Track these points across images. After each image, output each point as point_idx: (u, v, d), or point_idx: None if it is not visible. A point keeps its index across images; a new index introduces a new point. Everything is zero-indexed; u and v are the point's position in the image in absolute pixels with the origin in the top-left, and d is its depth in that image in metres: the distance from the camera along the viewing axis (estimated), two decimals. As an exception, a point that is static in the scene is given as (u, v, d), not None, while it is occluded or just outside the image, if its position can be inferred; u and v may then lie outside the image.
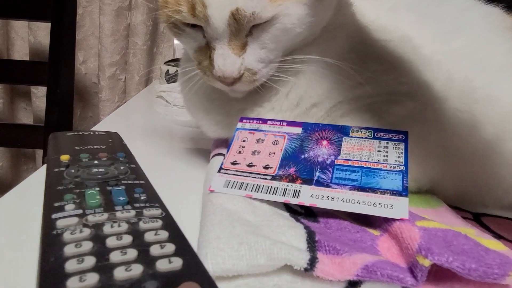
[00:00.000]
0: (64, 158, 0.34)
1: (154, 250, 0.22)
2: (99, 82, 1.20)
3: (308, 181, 0.32)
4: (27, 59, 1.19)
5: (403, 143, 0.34)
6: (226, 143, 0.42)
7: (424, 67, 0.41)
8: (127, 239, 0.23)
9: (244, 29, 0.34)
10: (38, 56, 1.16)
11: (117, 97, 1.23)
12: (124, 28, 1.17)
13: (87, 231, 0.24)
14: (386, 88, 0.39)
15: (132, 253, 0.22)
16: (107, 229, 0.24)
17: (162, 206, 0.28)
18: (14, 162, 1.28)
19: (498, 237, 0.34)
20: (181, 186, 0.42)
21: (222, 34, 0.34)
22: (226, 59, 0.34)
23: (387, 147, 0.34)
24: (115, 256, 0.21)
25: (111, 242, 0.23)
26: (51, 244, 0.22)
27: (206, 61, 0.36)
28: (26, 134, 0.96)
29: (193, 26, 0.35)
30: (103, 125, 0.68)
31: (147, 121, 0.75)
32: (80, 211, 0.26)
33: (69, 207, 0.26)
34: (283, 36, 0.35)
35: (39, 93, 1.18)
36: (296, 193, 0.31)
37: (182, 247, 0.23)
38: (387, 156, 0.33)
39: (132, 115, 0.81)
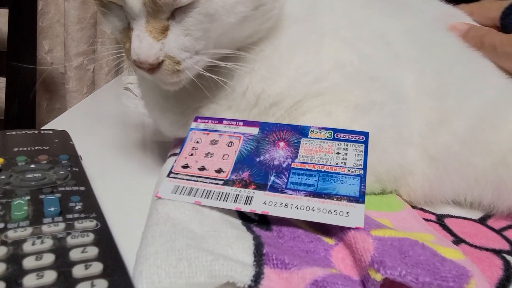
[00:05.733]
0: (-3, 161, 0.31)
1: (77, 271, 0.20)
2: (66, 72, 1.15)
3: (262, 186, 0.30)
4: (-15, 47, 1.12)
5: (363, 145, 0.32)
6: (185, 141, 0.40)
7: (394, 64, 0.39)
8: (48, 258, 0.21)
9: (162, 11, 0.31)
10: (-4, 45, 1.10)
11: (86, 88, 1.18)
12: (91, 16, 1.11)
13: (3, 250, 0.21)
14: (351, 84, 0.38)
15: (50, 276, 0.20)
16: (27, 247, 0.22)
17: (100, 216, 0.26)
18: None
19: (459, 241, 0.33)
20: (139, 189, 0.39)
21: (138, 13, 0.31)
22: (142, 42, 0.31)
23: (347, 149, 0.32)
24: (28, 281, 0.19)
25: (28, 263, 0.20)
26: (-43, 267, 0.20)
27: (128, 43, 0.33)
28: (-15, 128, 0.91)
29: (117, 4, 0.32)
30: (62, 119, 0.64)
31: (113, 114, 0.72)
32: (2, 225, 0.24)
33: (-11, 221, 0.24)
34: (208, 23, 0.32)
35: (0, 84, 1.12)
36: (248, 200, 0.29)
37: (112, 266, 0.21)
38: (346, 159, 0.31)
39: (98, 107, 0.77)
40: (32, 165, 0.31)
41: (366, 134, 0.32)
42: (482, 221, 0.38)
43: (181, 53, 0.32)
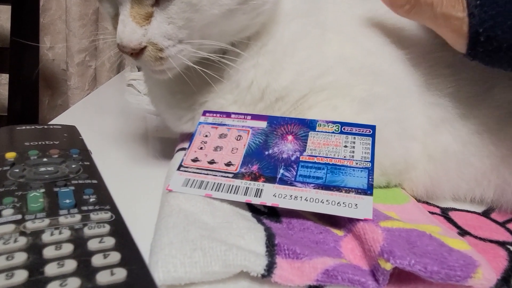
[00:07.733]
0: (10, 155, 0.32)
1: (96, 260, 0.21)
2: (67, 69, 1.15)
3: (271, 179, 0.30)
4: (-11, 44, 1.12)
5: (371, 138, 0.33)
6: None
7: (396, 60, 0.40)
8: (67, 248, 0.21)
9: None
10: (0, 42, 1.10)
11: (88, 84, 1.18)
12: (93, 12, 1.11)
13: (23, 240, 0.22)
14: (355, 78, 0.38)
15: (71, 265, 0.20)
16: (46, 237, 0.22)
17: (113, 208, 0.26)
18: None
19: (464, 233, 0.34)
20: (145, 183, 0.39)
21: None
22: (125, 26, 0.31)
23: (354, 142, 0.32)
24: (50, 269, 0.20)
25: (48, 252, 0.21)
26: (-21, 257, 0.20)
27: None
28: (-12, 124, 0.92)
29: None
30: (67, 115, 0.65)
31: (117, 110, 0.72)
32: (19, 217, 0.24)
33: (7, 212, 0.24)
34: (191, 12, 0.32)
35: (3, 81, 1.12)
36: (258, 192, 0.29)
37: (129, 255, 0.22)
38: (353, 152, 0.32)
39: (102, 104, 0.77)
40: (45, 159, 0.32)
41: (373, 127, 0.33)
42: (486, 214, 0.39)
43: (164, 41, 0.32)
